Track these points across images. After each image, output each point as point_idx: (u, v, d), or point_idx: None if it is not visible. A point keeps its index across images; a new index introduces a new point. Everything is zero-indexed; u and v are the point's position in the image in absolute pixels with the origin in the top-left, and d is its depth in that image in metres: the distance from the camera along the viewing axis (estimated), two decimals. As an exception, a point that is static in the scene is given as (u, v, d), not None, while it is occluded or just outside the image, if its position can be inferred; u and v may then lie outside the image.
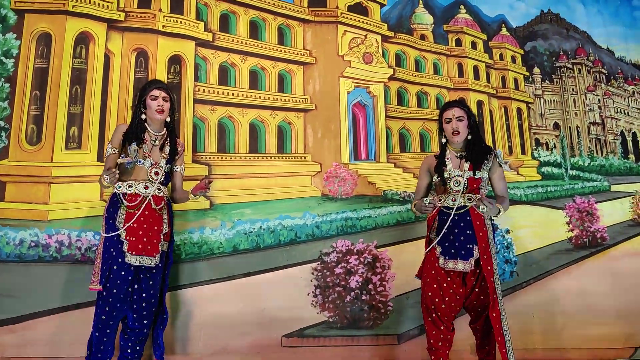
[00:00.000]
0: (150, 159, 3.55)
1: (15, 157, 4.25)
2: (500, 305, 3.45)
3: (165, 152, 3.64)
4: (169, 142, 3.69)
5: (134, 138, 3.49)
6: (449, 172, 3.64)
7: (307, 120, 5.06)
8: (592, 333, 4.78)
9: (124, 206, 3.47)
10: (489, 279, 3.44)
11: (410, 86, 5.65)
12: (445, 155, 3.72)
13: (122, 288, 3.39)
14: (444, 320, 3.53)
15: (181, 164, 3.81)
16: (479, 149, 3.67)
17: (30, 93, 4.35)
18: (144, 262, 3.44)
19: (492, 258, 3.51)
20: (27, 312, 3.94)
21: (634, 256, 5.31)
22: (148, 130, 3.61)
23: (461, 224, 3.55)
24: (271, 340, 4.28)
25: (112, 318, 3.40)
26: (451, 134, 3.65)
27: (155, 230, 3.52)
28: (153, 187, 3.52)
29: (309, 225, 4.68)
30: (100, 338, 3.40)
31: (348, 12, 5.40)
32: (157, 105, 3.56)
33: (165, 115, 3.61)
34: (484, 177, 3.63)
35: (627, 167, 6.02)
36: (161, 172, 3.57)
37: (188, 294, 4.24)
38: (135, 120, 3.58)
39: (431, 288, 3.56)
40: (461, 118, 3.65)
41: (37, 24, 4.45)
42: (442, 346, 3.56)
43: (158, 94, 3.58)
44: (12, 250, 4.03)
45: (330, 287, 4.48)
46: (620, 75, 6.46)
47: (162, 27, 4.69)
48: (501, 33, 6.13)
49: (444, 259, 3.54)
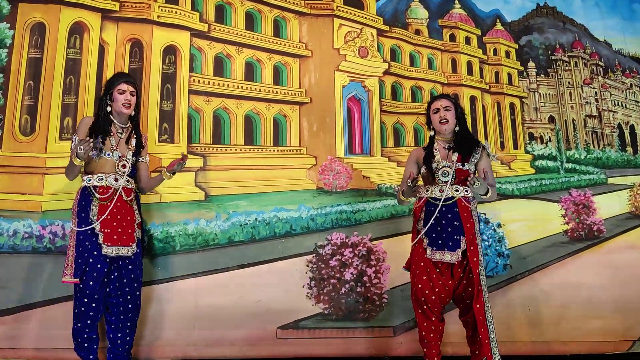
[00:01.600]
0: (118, 152, 3.55)
1: (9, 147, 4.22)
2: (484, 296, 3.47)
3: (132, 145, 3.64)
4: (134, 134, 3.68)
5: (101, 130, 3.49)
6: (437, 162, 3.66)
7: (302, 114, 5.05)
8: (589, 326, 4.78)
9: (96, 199, 3.46)
10: (475, 271, 3.46)
11: (404, 81, 5.65)
12: (433, 146, 3.74)
13: (98, 279, 3.39)
14: (434, 311, 3.54)
15: (146, 155, 3.79)
16: (468, 141, 3.70)
17: (24, 83, 4.33)
18: (120, 252, 3.46)
19: (479, 250, 3.54)
20: (20, 304, 3.91)
21: (631, 249, 5.31)
22: (114, 122, 3.60)
23: (448, 215, 3.55)
24: (266, 332, 4.26)
25: (90, 309, 3.39)
26: (439, 123, 3.68)
27: (128, 221, 3.53)
28: (122, 179, 3.53)
29: (304, 218, 4.67)
30: (83, 329, 3.40)
31: (344, 5, 5.40)
32: (125, 99, 3.55)
33: (132, 109, 3.61)
34: (472, 169, 3.64)
35: (624, 159, 6.02)
36: (128, 164, 3.58)
37: (182, 286, 4.22)
38: (102, 113, 3.56)
39: (421, 280, 3.56)
40: (448, 108, 3.70)
41: (30, 13, 4.42)
42: (434, 337, 3.57)
43: (126, 88, 3.57)
44: (5, 241, 4.01)
45: (325, 280, 4.47)
46: (618, 68, 6.47)
47: (157, 17, 4.67)
48: (496, 28, 6.14)
49: (431, 250, 3.54)
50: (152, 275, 4.16)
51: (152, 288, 4.13)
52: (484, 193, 3.52)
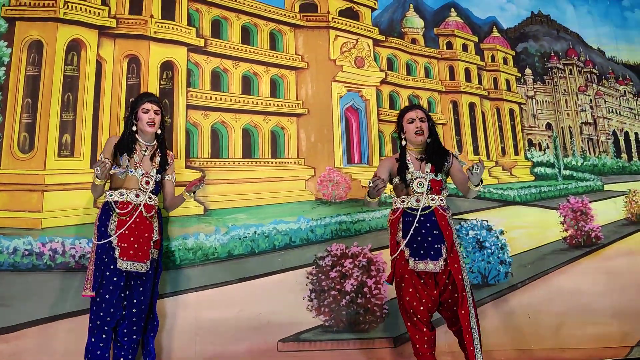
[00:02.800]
0: (141, 169, 3.64)
1: (8, 165, 4.22)
2: (469, 302, 3.48)
3: (156, 162, 3.73)
4: (159, 152, 3.77)
5: (126, 149, 3.59)
6: (412, 173, 3.68)
7: (300, 125, 5.07)
8: (588, 332, 4.80)
9: (115, 214, 3.54)
10: (457, 277, 3.49)
11: (401, 90, 5.66)
12: (406, 157, 3.75)
13: (114, 294, 3.44)
14: (423, 321, 3.55)
15: (172, 173, 3.88)
16: (440, 151, 3.74)
17: (22, 101, 4.33)
18: (135, 267, 3.49)
19: (459, 256, 3.57)
20: (22, 321, 3.90)
21: (628, 255, 5.34)
22: (139, 141, 3.70)
23: (427, 224, 3.58)
24: (267, 345, 4.26)
25: (106, 323, 3.42)
26: (414, 134, 3.70)
27: (145, 237, 3.57)
28: (144, 196, 3.60)
29: (303, 230, 4.68)
30: (96, 344, 3.42)
31: (339, 16, 5.42)
32: (149, 118, 3.65)
33: (156, 128, 3.71)
34: (444, 178, 3.70)
35: (619, 166, 6.05)
36: (152, 181, 3.66)
37: (183, 300, 4.22)
38: (127, 132, 3.68)
39: (407, 292, 3.57)
40: (423, 119, 3.73)
41: (28, 31, 4.43)
42: (428, 348, 3.56)
43: (150, 107, 3.68)
44: (5, 259, 4.00)
45: (326, 291, 4.48)
46: (612, 75, 6.51)
47: (154, 33, 4.69)
48: (492, 35, 6.16)
49: (414, 261, 3.56)
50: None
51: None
52: (477, 184, 3.50)
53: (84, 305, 3.81)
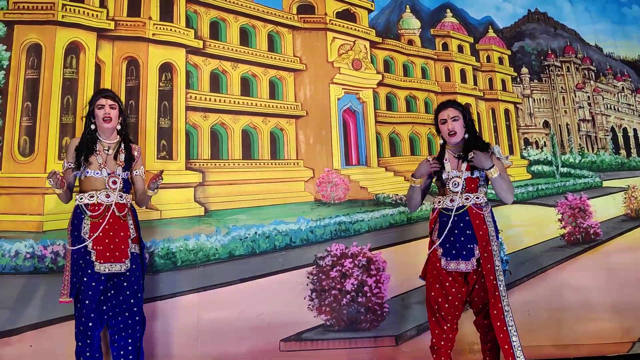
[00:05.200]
0: (106, 169, 3.54)
1: (9, 169, 4.24)
2: (502, 302, 3.41)
3: (121, 160, 3.61)
4: (123, 149, 3.66)
5: (85, 149, 3.51)
6: (447, 173, 3.64)
7: (298, 127, 5.08)
8: (589, 329, 4.81)
9: (87, 217, 3.46)
10: (488, 277, 3.42)
11: (398, 91, 5.68)
12: (444, 156, 3.71)
13: (94, 298, 3.39)
14: (447, 319, 3.51)
15: (139, 167, 3.76)
16: (476, 148, 3.60)
17: (22, 104, 4.34)
18: (113, 269, 3.43)
19: (493, 256, 3.49)
20: (24, 324, 3.91)
21: (628, 251, 5.35)
22: (100, 140, 3.60)
23: (460, 224, 3.52)
24: (269, 345, 4.27)
25: (89, 329, 3.38)
26: (448, 135, 3.62)
27: (122, 237, 3.50)
28: (115, 195, 3.50)
29: (303, 230, 4.69)
30: (83, 348, 3.40)
31: (336, 18, 5.45)
32: (104, 113, 3.54)
33: (114, 123, 3.59)
34: (482, 175, 3.62)
35: (618, 162, 6.07)
36: (119, 180, 3.55)
37: (185, 301, 4.23)
38: (86, 132, 3.59)
39: (434, 288, 3.55)
40: (456, 118, 3.61)
41: (26, 35, 4.45)
42: (445, 345, 3.53)
43: (104, 102, 3.56)
44: (7, 262, 4.01)
45: (326, 291, 4.49)
46: (609, 72, 6.53)
47: (152, 35, 4.70)
48: (488, 35, 6.18)
49: (445, 260, 3.51)
50: (155, 292, 4.16)
51: (155, 304, 4.13)
52: (489, 167, 3.47)
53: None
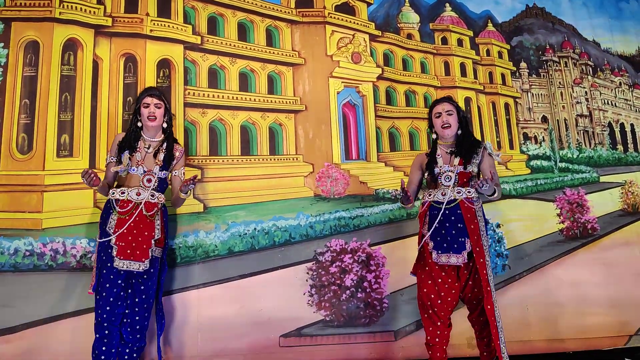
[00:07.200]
0: (143, 167, 3.62)
1: (7, 166, 4.23)
2: (493, 297, 3.48)
3: (159, 159, 3.70)
4: (164, 148, 3.74)
5: (127, 146, 3.62)
6: (440, 167, 3.69)
7: (298, 121, 5.07)
8: (586, 323, 4.84)
9: (115, 212, 3.54)
10: (482, 272, 3.46)
11: (398, 85, 5.65)
12: (436, 152, 3.76)
13: (111, 292, 3.44)
14: (440, 315, 3.55)
15: (180, 168, 3.86)
16: (469, 144, 3.72)
17: (20, 102, 4.33)
18: (131, 267, 3.48)
19: (484, 251, 3.53)
20: (24, 322, 3.91)
21: (624, 245, 5.37)
22: (143, 137, 3.71)
23: (452, 217, 3.57)
24: (269, 340, 4.29)
25: (106, 321, 3.43)
26: (441, 128, 3.71)
27: (145, 236, 3.55)
28: (146, 194, 3.59)
29: (302, 226, 4.70)
30: (101, 340, 3.44)
31: (335, 12, 5.41)
32: (149, 112, 3.67)
33: (158, 121, 3.70)
34: (474, 170, 3.67)
35: (615, 157, 6.07)
36: (154, 179, 3.65)
37: (184, 298, 4.24)
38: (131, 129, 3.72)
39: (426, 284, 3.58)
40: (450, 112, 3.72)
41: (24, 32, 4.43)
42: (439, 342, 3.57)
43: (150, 101, 3.69)
44: (6, 260, 4.01)
45: (326, 286, 4.50)
46: (607, 67, 6.52)
47: (150, 31, 4.68)
48: (487, 29, 6.16)
49: (436, 254, 3.56)
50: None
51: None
52: (491, 194, 3.55)
53: (85, 305, 3.86)
